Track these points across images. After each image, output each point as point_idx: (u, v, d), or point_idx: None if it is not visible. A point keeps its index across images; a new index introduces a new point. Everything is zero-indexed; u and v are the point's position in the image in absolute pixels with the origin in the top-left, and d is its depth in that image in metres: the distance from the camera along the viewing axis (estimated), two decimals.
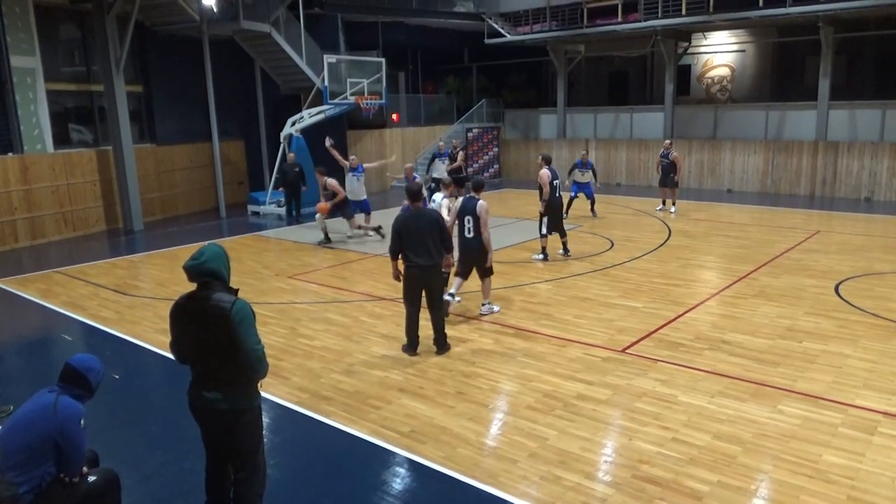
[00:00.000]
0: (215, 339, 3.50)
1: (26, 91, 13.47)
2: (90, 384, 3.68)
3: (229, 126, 18.28)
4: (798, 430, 5.03)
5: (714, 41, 22.29)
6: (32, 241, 13.55)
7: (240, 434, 3.65)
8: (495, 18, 22.00)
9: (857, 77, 20.37)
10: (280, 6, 17.51)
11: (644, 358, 6.56)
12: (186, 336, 3.61)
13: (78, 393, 3.62)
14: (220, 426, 3.65)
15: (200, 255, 3.59)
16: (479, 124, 23.38)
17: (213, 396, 3.57)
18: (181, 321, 3.62)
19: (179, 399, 6.03)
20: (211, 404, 3.58)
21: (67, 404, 3.50)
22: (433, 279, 6.71)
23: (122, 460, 4.65)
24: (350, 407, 5.65)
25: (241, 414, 3.62)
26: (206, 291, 3.55)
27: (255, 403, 3.70)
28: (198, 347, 3.57)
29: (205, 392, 3.59)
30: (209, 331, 3.50)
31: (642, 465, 4.61)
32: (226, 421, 3.61)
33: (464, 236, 7.76)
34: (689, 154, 19.80)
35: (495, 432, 5.21)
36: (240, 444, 3.68)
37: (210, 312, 3.48)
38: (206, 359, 3.57)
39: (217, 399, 3.56)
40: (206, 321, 3.49)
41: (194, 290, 3.61)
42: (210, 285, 3.57)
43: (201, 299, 3.54)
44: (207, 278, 3.57)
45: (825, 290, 8.80)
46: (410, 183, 7.19)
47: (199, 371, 3.64)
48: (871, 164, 16.86)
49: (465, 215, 7.67)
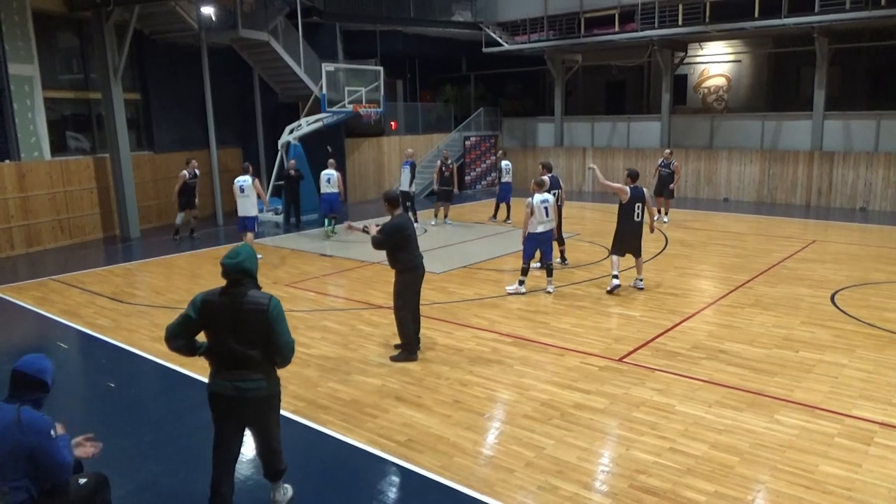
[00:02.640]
0: (252, 333, 3.79)
1: (24, 98, 13.47)
2: (47, 385, 3.51)
3: (227, 134, 18.30)
4: (795, 440, 5.03)
5: (710, 51, 22.43)
6: (29, 249, 13.52)
7: (271, 415, 4.04)
8: (493, 27, 22.10)
9: (852, 88, 20.49)
10: (278, 15, 17.56)
11: (641, 367, 6.56)
12: (212, 330, 3.87)
13: (35, 398, 3.44)
14: (256, 411, 3.95)
15: (237, 254, 3.88)
16: (477, 133, 23.44)
17: (251, 385, 3.85)
18: (211, 314, 3.84)
19: (175, 409, 6.04)
20: (246, 392, 3.85)
21: (32, 420, 3.31)
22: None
23: (116, 470, 4.62)
24: (347, 416, 5.64)
25: (274, 398, 4.02)
26: (239, 288, 3.84)
27: (280, 387, 4.10)
28: (233, 339, 3.81)
29: (238, 382, 3.84)
30: (246, 325, 3.78)
31: (639, 475, 4.60)
32: (263, 406, 3.95)
33: (633, 221, 9.19)
34: (685, 163, 19.85)
35: (492, 441, 5.20)
36: (270, 425, 4.07)
37: (247, 308, 3.78)
38: (240, 350, 3.81)
39: (257, 387, 3.87)
40: (243, 316, 3.78)
41: (226, 286, 3.86)
42: (243, 282, 3.86)
43: (236, 295, 3.82)
44: (241, 276, 3.86)
45: (821, 299, 8.82)
46: (388, 191, 7.18)
47: (228, 360, 3.86)
48: (867, 175, 16.94)
49: (637, 202, 9.09)
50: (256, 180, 12.04)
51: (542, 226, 9.04)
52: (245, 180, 11.81)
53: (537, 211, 9.01)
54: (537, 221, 9.01)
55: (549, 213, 9.11)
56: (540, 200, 9.02)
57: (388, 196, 6.82)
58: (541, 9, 20.97)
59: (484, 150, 23.42)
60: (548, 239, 9.21)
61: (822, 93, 17.53)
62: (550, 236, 9.26)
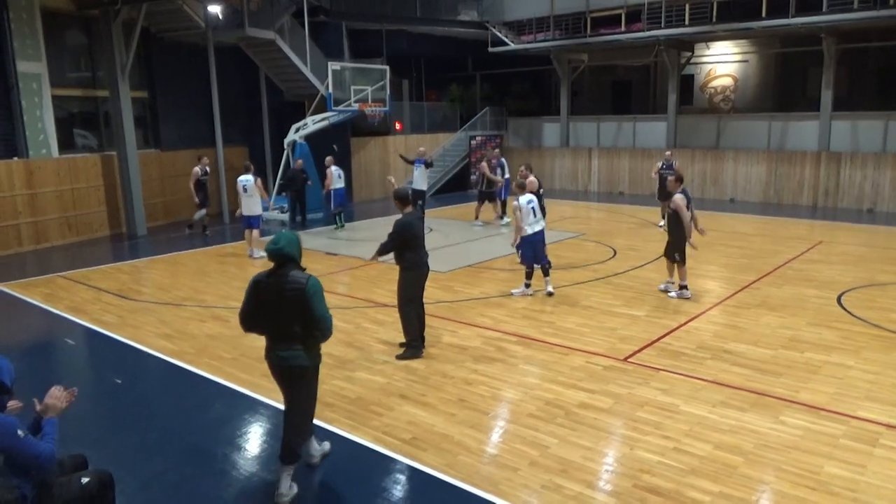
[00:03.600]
0: (293, 309, 4.27)
1: (32, 96, 13.54)
2: (5, 384, 3.43)
3: (233, 132, 18.34)
4: (800, 441, 5.02)
5: (717, 51, 22.35)
6: (36, 246, 13.59)
7: (303, 386, 4.49)
8: (499, 27, 22.09)
9: (860, 88, 20.39)
10: (285, 14, 17.59)
11: (646, 367, 6.56)
12: (263, 307, 4.35)
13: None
14: (293, 377, 4.44)
15: (278, 241, 4.33)
16: (483, 132, 23.42)
17: (291, 354, 4.35)
18: (260, 294, 4.35)
19: (180, 405, 6.07)
20: (286, 361, 4.37)
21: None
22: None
23: (121, 466, 4.66)
24: (352, 413, 5.66)
25: (310, 370, 4.48)
26: (283, 270, 4.31)
27: (319, 361, 4.56)
28: (278, 316, 4.31)
29: (281, 352, 4.36)
30: (288, 302, 4.26)
31: (643, 475, 4.60)
32: (299, 375, 4.43)
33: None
34: (691, 163, 19.82)
35: (496, 440, 5.21)
36: (301, 395, 4.52)
37: (289, 287, 4.25)
38: (284, 325, 4.32)
39: (296, 356, 4.35)
40: (286, 295, 4.25)
41: (273, 268, 4.35)
42: (286, 265, 4.32)
43: (280, 276, 4.30)
44: (283, 260, 4.31)
45: (828, 300, 8.79)
46: (398, 188, 7.18)
47: (273, 334, 4.39)
48: (874, 175, 16.86)
49: (690, 202, 8.89)
50: (259, 179, 12.11)
51: (530, 227, 8.96)
52: (247, 179, 11.89)
53: (526, 212, 8.97)
54: (527, 223, 8.97)
55: (538, 212, 9.08)
56: (527, 201, 8.98)
57: (399, 194, 6.83)
58: (547, 8, 20.94)
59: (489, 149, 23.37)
60: (541, 239, 9.11)
61: (830, 93, 17.46)
62: (542, 236, 9.14)
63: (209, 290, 9.98)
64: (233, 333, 7.92)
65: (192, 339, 7.71)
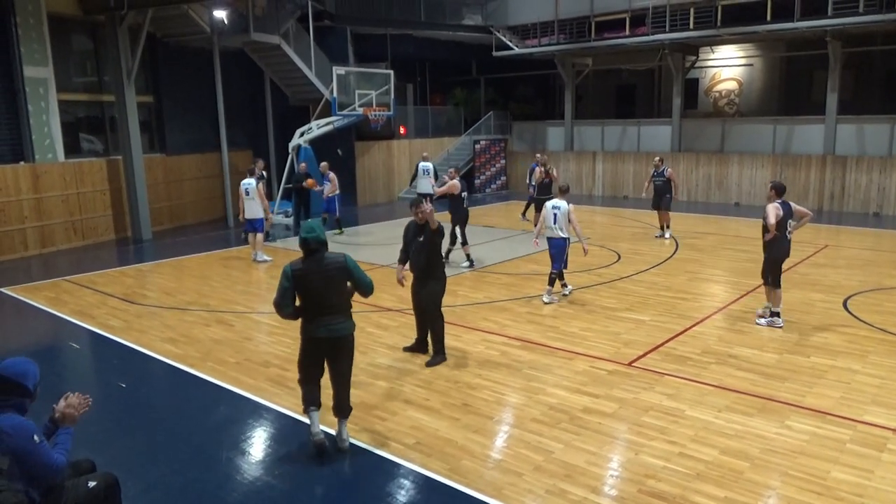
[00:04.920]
0: (340, 284, 4.97)
1: (38, 101, 13.61)
2: (29, 389, 3.41)
3: (238, 136, 18.41)
4: (806, 446, 4.99)
5: (722, 55, 22.33)
6: (42, 250, 13.64)
7: (351, 351, 5.13)
8: (503, 31, 22.11)
9: (865, 91, 20.34)
10: (290, 18, 17.66)
11: (651, 371, 6.54)
12: (308, 290, 4.88)
13: (17, 402, 3.36)
14: (344, 346, 5.05)
15: (312, 229, 4.94)
16: (487, 136, 23.44)
17: (341, 325, 4.98)
18: (303, 278, 4.86)
19: (185, 409, 6.08)
20: (339, 331, 4.97)
21: (13, 426, 3.25)
22: None
23: (126, 469, 4.66)
24: (355, 418, 5.64)
25: (353, 337, 5.11)
26: (318, 254, 4.90)
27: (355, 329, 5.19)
28: (324, 293, 4.89)
29: (332, 324, 4.93)
30: (334, 280, 4.92)
31: (648, 480, 4.58)
32: (349, 341, 5.07)
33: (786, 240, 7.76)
34: (696, 167, 19.80)
35: (501, 445, 5.19)
36: (349, 359, 5.14)
37: (332, 266, 4.91)
38: (333, 299, 4.93)
39: (347, 325, 5.02)
40: (330, 273, 4.90)
41: (306, 254, 4.90)
42: (321, 249, 4.92)
43: (320, 260, 4.90)
44: (320, 245, 4.91)
45: (833, 304, 8.75)
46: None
47: (323, 310, 4.92)
48: (880, 179, 16.79)
49: (787, 219, 7.63)
50: (261, 184, 12.13)
51: (548, 232, 9.01)
52: (249, 183, 11.92)
53: (545, 216, 9.06)
54: (545, 226, 9.04)
55: (557, 220, 8.97)
56: (551, 206, 9.04)
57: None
58: (551, 12, 20.95)
59: (494, 153, 23.42)
60: (555, 245, 9.04)
61: (835, 96, 17.41)
62: (556, 243, 9.03)
63: (214, 294, 10.00)
64: (237, 337, 7.93)
65: (196, 344, 7.72)
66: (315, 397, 5.16)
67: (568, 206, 9.00)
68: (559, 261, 9.05)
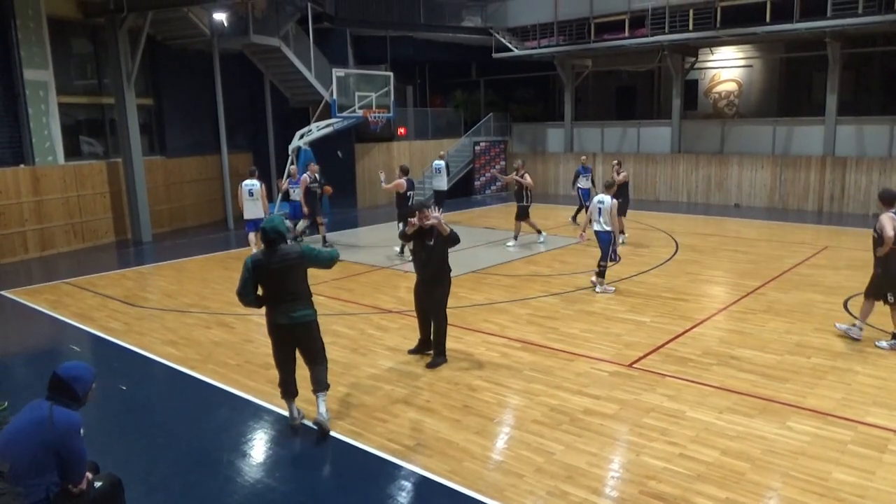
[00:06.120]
0: (298, 272, 5.21)
1: (38, 103, 13.63)
2: (76, 394, 3.57)
3: (238, 139, 18.42)
4: (807, 447, 4.99)
5: (721, 56, 22.34)
6: (42, 252, 13.64)
7: (317, 333, 5.42)
8: (503, 33, 22.13)
9: (865, 93, 20.35)
10: (290, 21, 17.68)
11: (652, 373, 6.53)
12: (269, 279, 5.15)
13: (65, 402, 3.53)
14: (306, 332, 5.31)
15: (272, 220, 5.19)
16: (487, 138, 23.45)
17: (303, 312, 5.24)
18: (263, 269, 5.13)
19: (186, 411, 6.08)
20: (302, 318, 5.23)
21: (63, 416, 3.44)
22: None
23: (127, 472, 4.65)
24: (356, 420, 5.64)
25: (316, 321, 5.38)
26: (278, 245, 5.15)
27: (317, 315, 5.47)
28: (284, 282, 5.15)
29: (292, 312, 5.19)
30: (291, 267, 5.15)
31: (650, 481, 4.57)
32: (311, 327, 5.33)
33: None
34: (696, 169, 19.81)
35: (501, 446, 5.19)
36: (317, 341, 5.43)
37: (291, 257, 5.16)
38: (291, 287, 5.18)
39: (307, 314, 5.27)
40: (290, 263, 5.15)
41: (266, 247, 5.16)
42: (278, 241, 5.15)
43: (279, 251, 5.14)
44: (277, 236, 5.14)
45: (834, 305, 8.75)
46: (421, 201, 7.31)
47: (283, 298, 5.18)
48: (880, 180, 16.77)
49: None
50: (263, 185, 12.18)
51: (595, 225, 9.63)
52: (253, 184, 11.96)
53: (593, 211, 9.68)
54: (592, 220, 9.68)
55: (602, 214, 9.48)
56: (596, 201, 9.64)
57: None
58: (551, 14, 20.98)
59: (493, 155, 23.42)
60: (601, 239, 9.59)
61: (835, 98, 17.42)
62: (602, 237, 9.55)
63: (214, 296, 10.00)
64: (238, 340, 7.93)
65: (197, 346, 7.72)
66: (289, 388, 5.47)
67: (611, 202, 9.47)
68: (606, 254, 9.59)
